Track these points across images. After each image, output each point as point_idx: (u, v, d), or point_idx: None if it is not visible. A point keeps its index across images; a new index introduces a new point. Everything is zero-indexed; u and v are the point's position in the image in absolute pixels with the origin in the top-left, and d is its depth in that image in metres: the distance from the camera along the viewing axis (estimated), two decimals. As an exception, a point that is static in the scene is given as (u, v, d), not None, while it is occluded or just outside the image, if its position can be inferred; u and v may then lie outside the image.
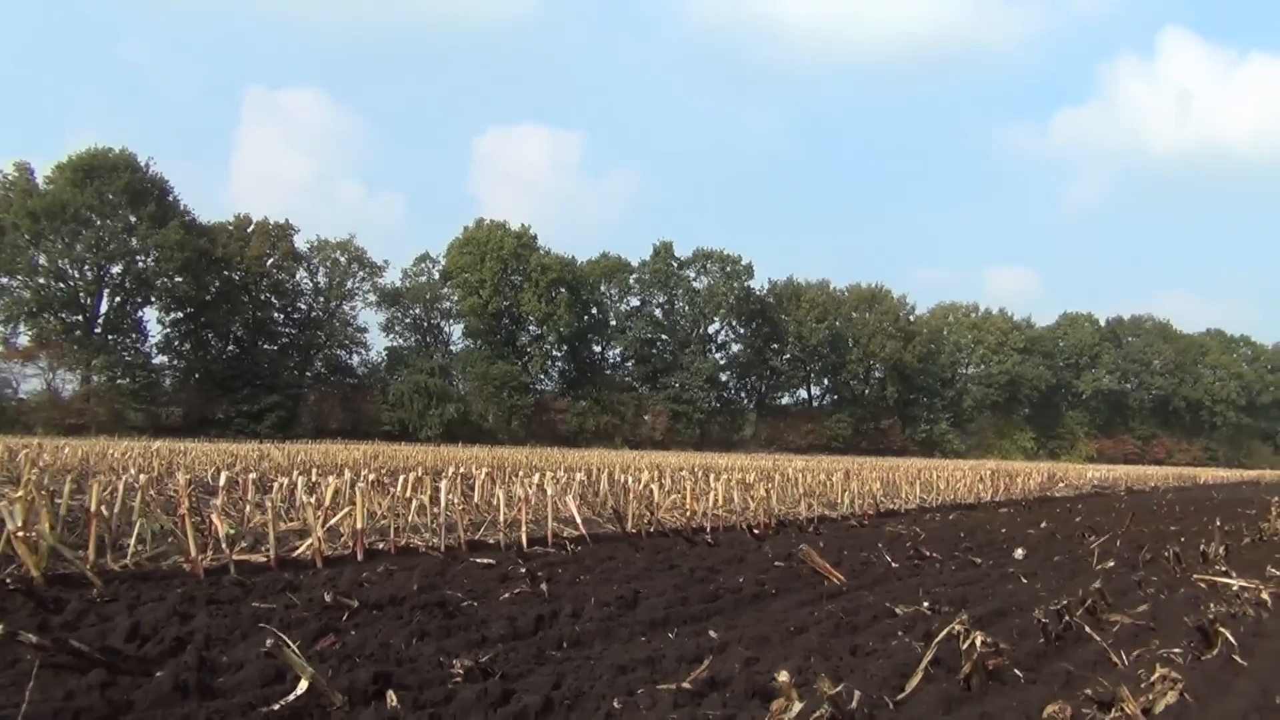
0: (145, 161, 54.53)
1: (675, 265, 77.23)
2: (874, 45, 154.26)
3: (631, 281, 74.95)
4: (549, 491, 5.69)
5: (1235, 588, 4.84)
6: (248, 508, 5.74)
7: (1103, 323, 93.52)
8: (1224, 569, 5.63)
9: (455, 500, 5.19)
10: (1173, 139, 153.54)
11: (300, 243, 61.65)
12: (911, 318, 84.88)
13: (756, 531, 6.33)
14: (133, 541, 4.28)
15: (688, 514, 6.70)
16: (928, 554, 5.76)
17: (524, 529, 5.27)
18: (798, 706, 2.20)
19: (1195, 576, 5.29)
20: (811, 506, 8.04)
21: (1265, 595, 4.61)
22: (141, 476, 4.47)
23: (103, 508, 4.28)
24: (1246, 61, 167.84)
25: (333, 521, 4.87)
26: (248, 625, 3.12)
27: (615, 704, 2.54)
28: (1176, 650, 3.48)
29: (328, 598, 3.43)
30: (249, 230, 60.49)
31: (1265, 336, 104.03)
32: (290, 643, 2.37)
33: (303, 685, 2.29)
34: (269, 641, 2.30)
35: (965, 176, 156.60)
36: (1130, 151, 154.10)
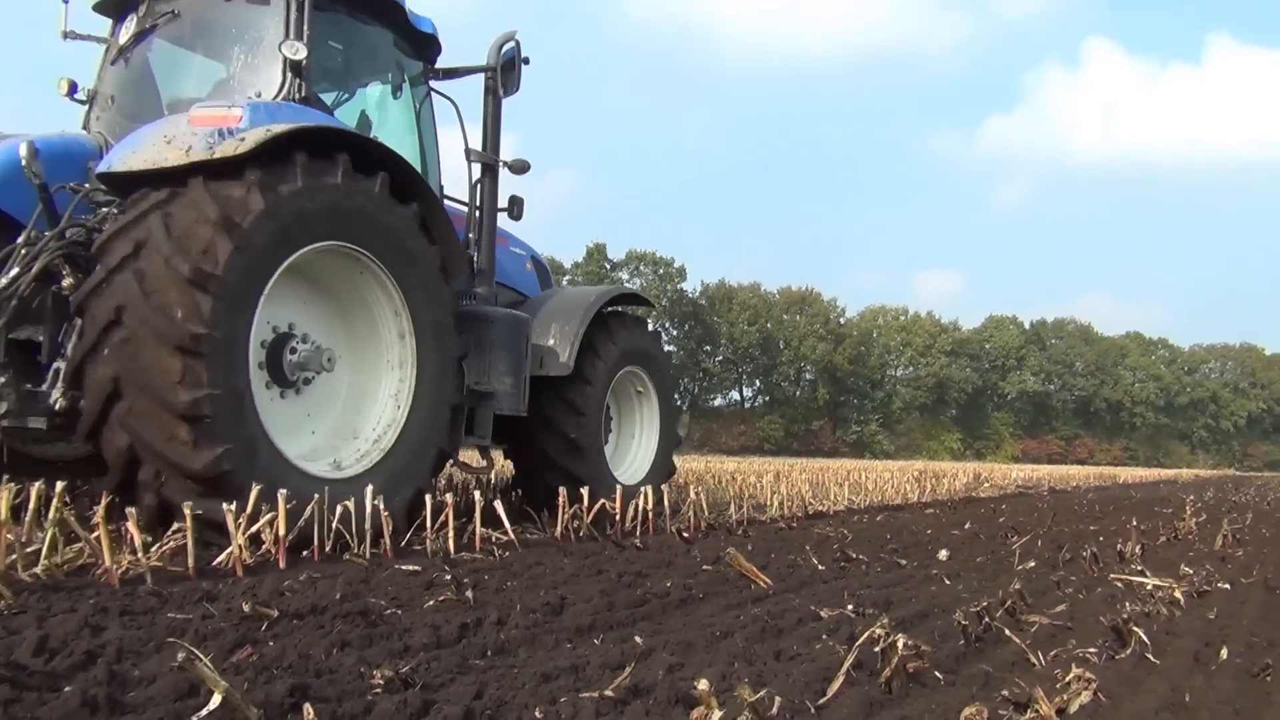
0: None
1: (609, 267, 77.28)
2: (808, 50, 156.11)
3: (564, 283, 74.92)
4: (477, 495, 5.65)
5: (1150, 586, 4.95)
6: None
7: (1027, 325, 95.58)
8: (1140, 568, 5.76)
9: (381, 505, 5.13)
10: (1096, 147, 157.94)
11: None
12: (842, 320, 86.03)
13: (686, 535, 6.34)
14: (44, 550, 4.16)
15: (618, 518, 6.68)
16: (854, 556, 5.81)
17: (451, 534, 5.22)
18: (718, 715, 2.20)
19: (1112, 576, 5.41)
20: (741, 509, 8.07)
21: (1178, 594, 4.73)
22: (57, 483, 4.35)
23: (11, 515, 4.17)
24: (1167, 73, 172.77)
25: (254, 528, 4.78)
26: (162, 637, 3.04)
27: (537, 713, 2.52)
28: (1092, 650, 3.55)
29: (246, 608, 3.35)
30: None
31: (1182, 339, 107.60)
32: (203, 656, 2.31)
33: (216, 700, 2.24)
34: (180, 655, 2.24)
35: (896, 181, 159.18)
36: (1055, 158, 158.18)
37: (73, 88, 6.46)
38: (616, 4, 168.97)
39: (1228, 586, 5.51)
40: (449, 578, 4.31)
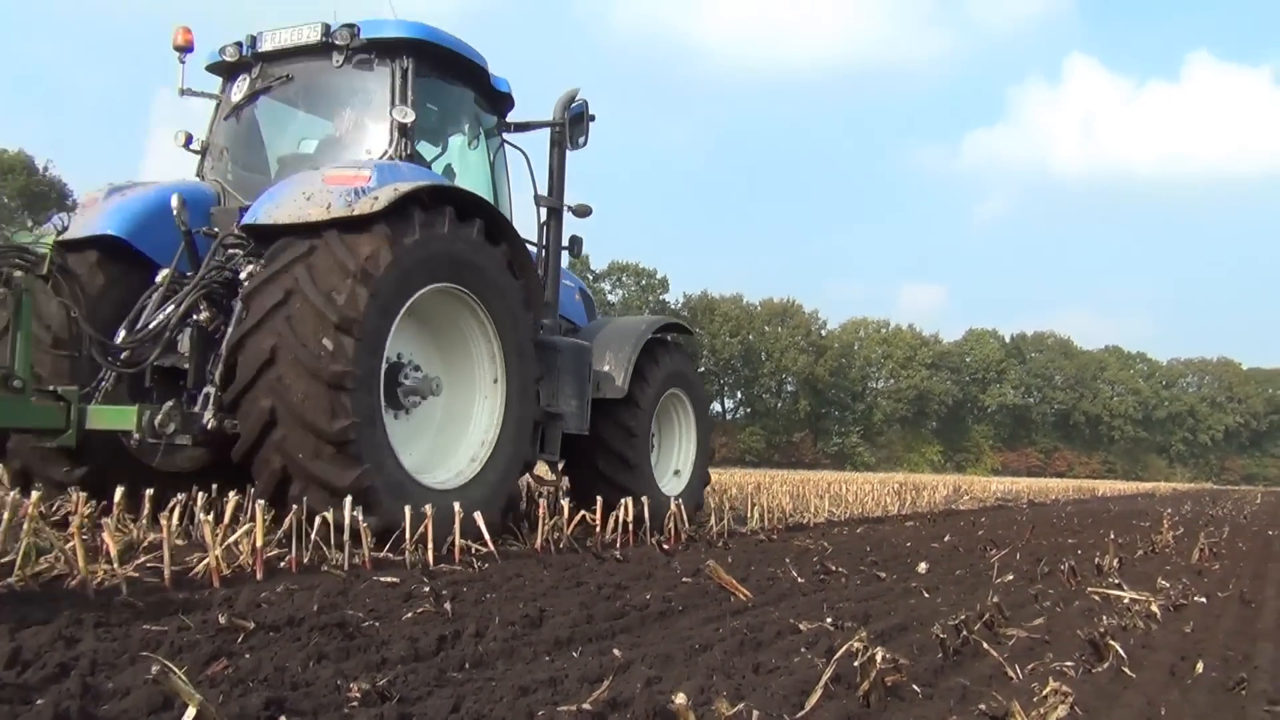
0: (44, 164, 52.94)
1: (590, 278, 77.21)
2: (792, 64, 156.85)
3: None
4: (456, 506, 5.63)
5: (1127, 600, 4.97)
6: (143, 524, 5.57)
7: (1007, 339, 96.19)
8: (1117, 581, 5.79)
9: (360, 515, 5.11)
10: (1077, 162, 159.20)
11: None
12: (824, 332, 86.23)
13: (666, 547, 6.34)
14: (18, 560, 4.12)
15: (598, 530, 6.68)
16: (834, 568, 5.82)
17: (430, 545, 5.20)
18: (695, 728, 2.20)
19: (1090, 589, 5.43)
20: (722, 521, 8.07)
21: (1155, 608, 4.75)
22: (32, 492, 4.31)
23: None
24: (1146, 89, 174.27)
25: (231, 539, 4.75)
26: (137, 649, 3.02)
27: (515, 726, 2.51)
28: (1069, 663, 3.56)
29: (222, 619, 3.33)
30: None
31: (1160, 353, 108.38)
32: (177, 669, 2.29)
33: (190, 713, 2.22)
34: (154, 668, 2.22)
35: (879, 193, 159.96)
36: (1036, 173, 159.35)
37: (188, 139, 7.20)
38: (601, 15, 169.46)
39: (1204, 600, 5.55)
40: (427, 589, 4.29)
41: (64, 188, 53.24)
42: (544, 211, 7.95)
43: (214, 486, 6.02)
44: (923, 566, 6.43)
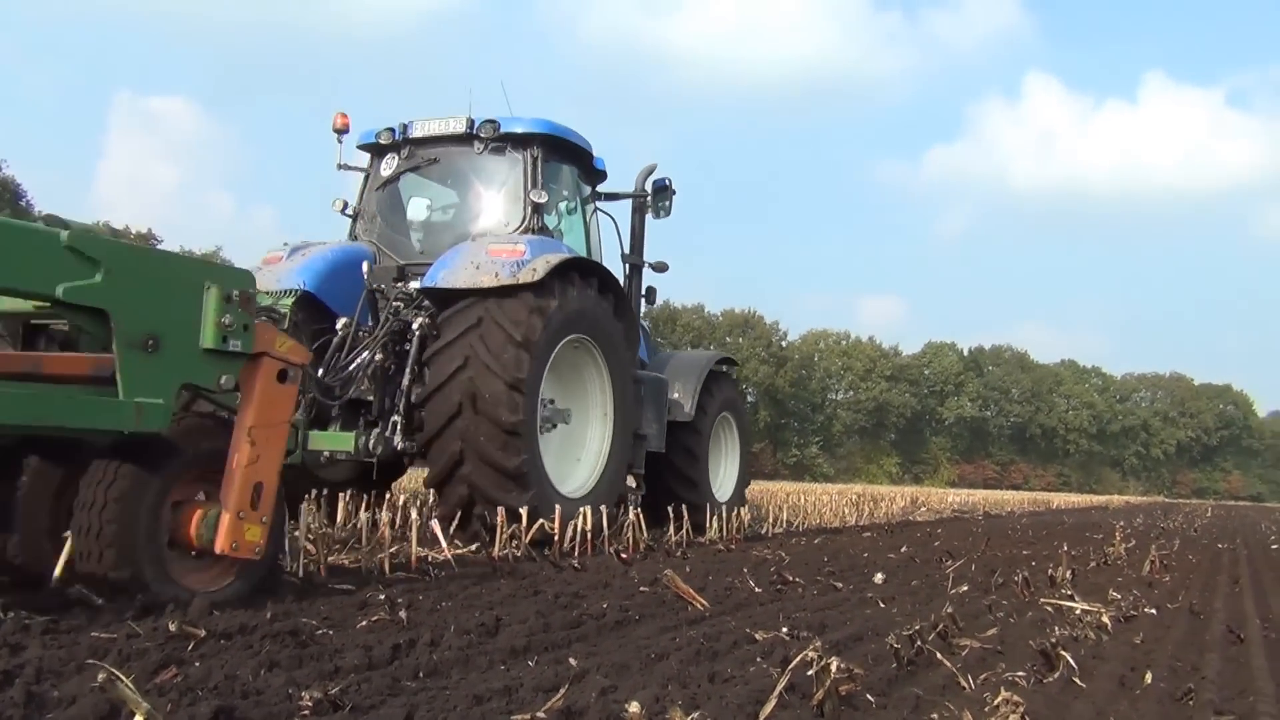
0: (-5, 164, 51.92)
1: (553, 286, 77.07)
2: (758, 76, 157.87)
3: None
4: (413, 514, 5.59)
5: (1079, 611, 5.03)
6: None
7: (965, 352, 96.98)
8: (1069, 593, 5.85)
9: (314, 523, 5.06)
10: (1035, 178, 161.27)
11: (164, 253, 59.37)
12: (784, 343, 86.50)
13: (624, 556, 6.33)
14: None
15: (556, 538, 6.66)
16: (791, 578, 5.84)
17: (387, 553, 5.16)
18: (649, 737, 2.20)
19: (1042, 600, 5.49)
20: (680, 530, 8.08)
21: (1105, 618, 4.81)
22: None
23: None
24: (1103, 109, 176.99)
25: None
26: (84, 657, 2.97)
27: (468, 736, 2.49)
28: (1021, 673, 3.59)
29: (173, 627, 3.29)
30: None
31: (1115, 368, 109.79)
32: (125, 677, 2.26)
33: (137, 721, 2.19)
34: (101, 676, 2.19)
35: (841, 207, 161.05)
36: (995, 189, 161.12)
37: (345, 205, 8.71)
38: (570, 22, 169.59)
39: (1154, 611, 5.63)
40: (383, 597, 4.26)
41: (17, 188, 52.35)
42: (628, 267, 9.41)
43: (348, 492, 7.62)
44: (879, 577, 6.47)
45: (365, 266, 7.65)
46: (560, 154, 8.65)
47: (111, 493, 3.90)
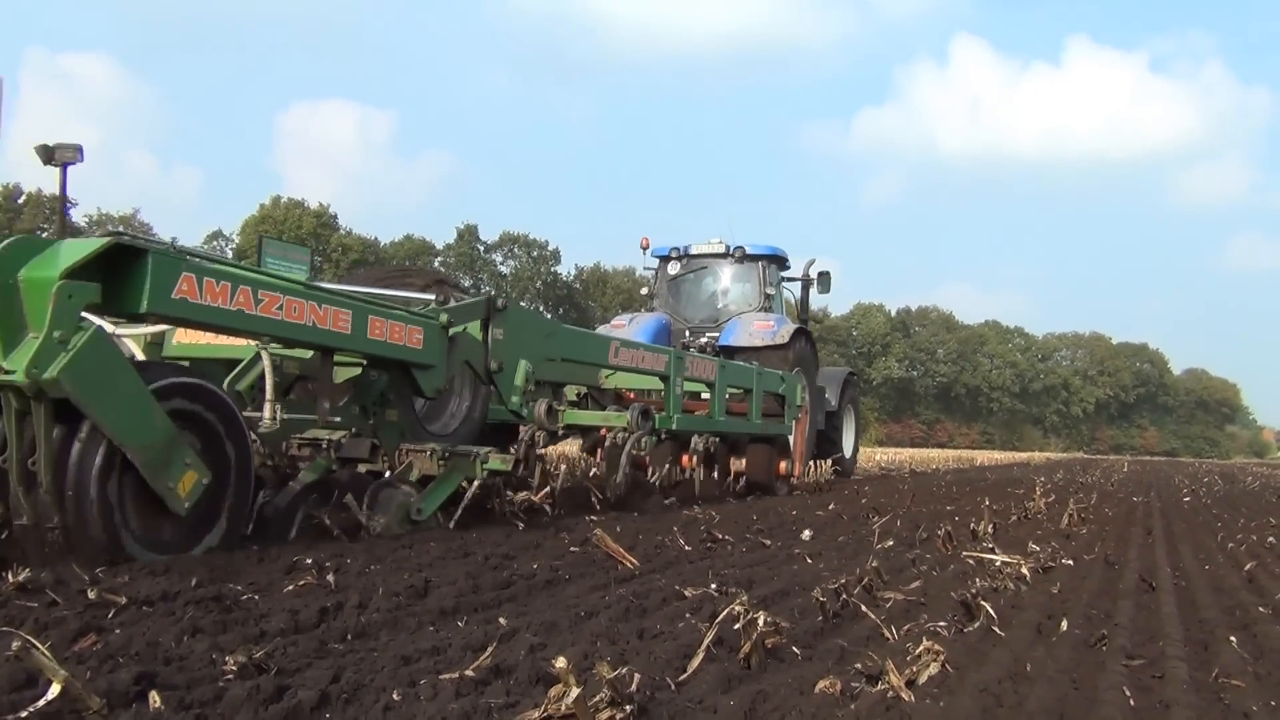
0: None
1: (481, 249, 76.53)
2: (689, 41, 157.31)
3: (436, 264, 73.89)
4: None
5: (999, 563, 5.15)
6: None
7: (893, 313, 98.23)
8: (991, 546, 5.99)
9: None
10: (963, 141, 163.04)
11: (79, 216, 57.82)
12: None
13: (548, 505, 6.33)
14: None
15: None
16: (720, 536, 5.90)
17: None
18: (575, 691, 2.21)
19: (965, 554, 5.61)
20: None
21: (1025, 570, 4.93)
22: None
23: None
24: (1030, 71, 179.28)
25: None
26: (1, 625, 2.90)
27: (395, 695, 2.49)
28: (942, 624, 3.67)
29: (92, 594, 3.22)
30: (19, 201, 56.29)
31: (1037, 328, 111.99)
32: (41, 645, 2.21)
33: (55, 689, 2.15)
34: (15, 644, 2.14)
35: (774, 170, 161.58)
36: (924, 152, 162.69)
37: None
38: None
39: (1071, 562, 5.79)
40: (310, 562, 4.21)
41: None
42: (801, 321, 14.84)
43: None
44: (806, 534, 6.56)
45: (675, 328, 13.93)
46: (776, 262, 14.62)
47: None
